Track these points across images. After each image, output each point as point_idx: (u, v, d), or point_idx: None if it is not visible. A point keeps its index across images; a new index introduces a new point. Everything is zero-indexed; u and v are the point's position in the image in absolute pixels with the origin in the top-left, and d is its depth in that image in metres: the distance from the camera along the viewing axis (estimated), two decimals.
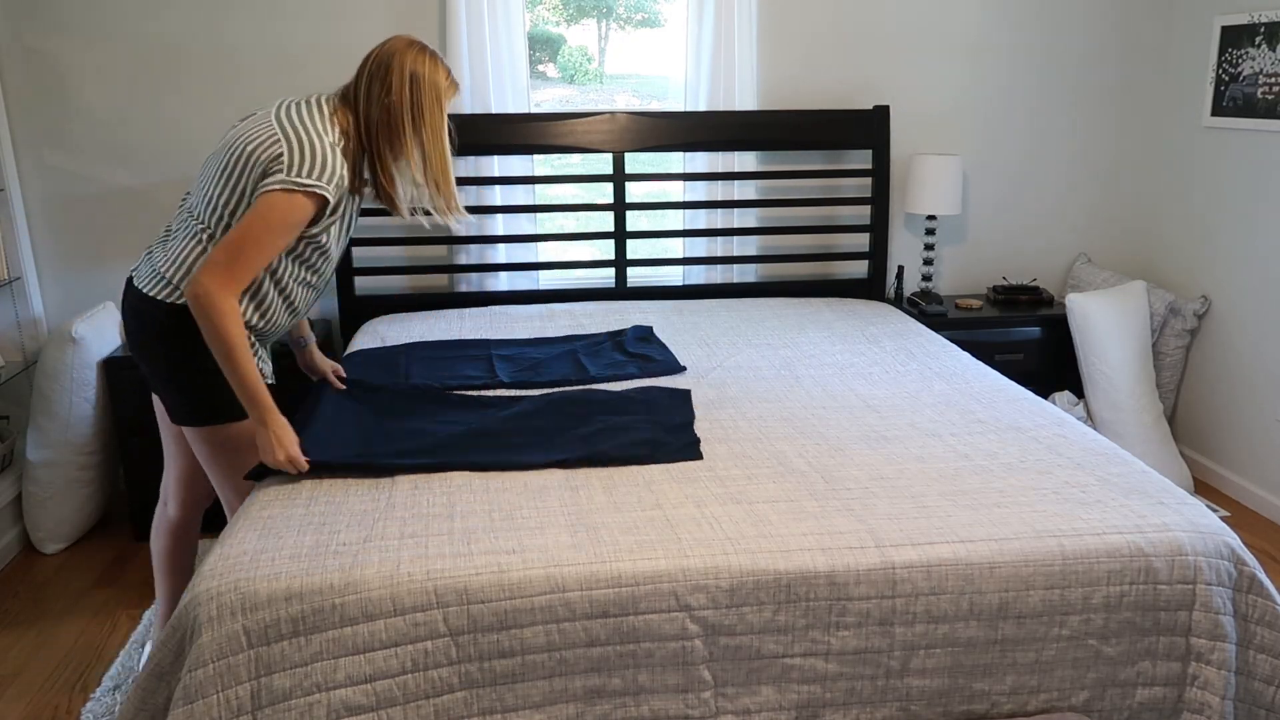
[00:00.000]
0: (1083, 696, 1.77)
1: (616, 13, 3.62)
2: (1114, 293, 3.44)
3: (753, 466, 2.03)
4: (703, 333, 3.03)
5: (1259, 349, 3.29)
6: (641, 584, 1.64)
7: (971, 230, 3.78)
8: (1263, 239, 3.26)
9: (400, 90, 1.96)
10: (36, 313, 3.34)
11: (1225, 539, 1.79)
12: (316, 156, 1.88)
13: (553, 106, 3.68)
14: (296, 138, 1.89)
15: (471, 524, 1.78)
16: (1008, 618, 1.72)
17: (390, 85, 1.96)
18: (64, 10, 3.20)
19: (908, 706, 1.73)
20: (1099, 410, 3.41)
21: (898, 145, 3.65)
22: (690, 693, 1.68)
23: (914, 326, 3.12)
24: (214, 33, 3.28)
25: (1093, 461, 2.05)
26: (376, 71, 1.97)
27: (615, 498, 1.88)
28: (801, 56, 3.53)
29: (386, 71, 1.97)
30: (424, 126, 1.99)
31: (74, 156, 3.31)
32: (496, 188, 3.44)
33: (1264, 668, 1.79)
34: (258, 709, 1.57)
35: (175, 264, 2.00)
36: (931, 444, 2.15)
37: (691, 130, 3.38)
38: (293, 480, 1.97)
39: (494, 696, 1.64)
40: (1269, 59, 3.15)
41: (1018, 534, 1.76)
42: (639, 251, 3.72)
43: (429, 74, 1.99)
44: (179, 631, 1.61)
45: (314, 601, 1.59)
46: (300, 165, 1.87)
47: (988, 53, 3.61)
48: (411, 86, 1.97)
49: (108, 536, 3.24)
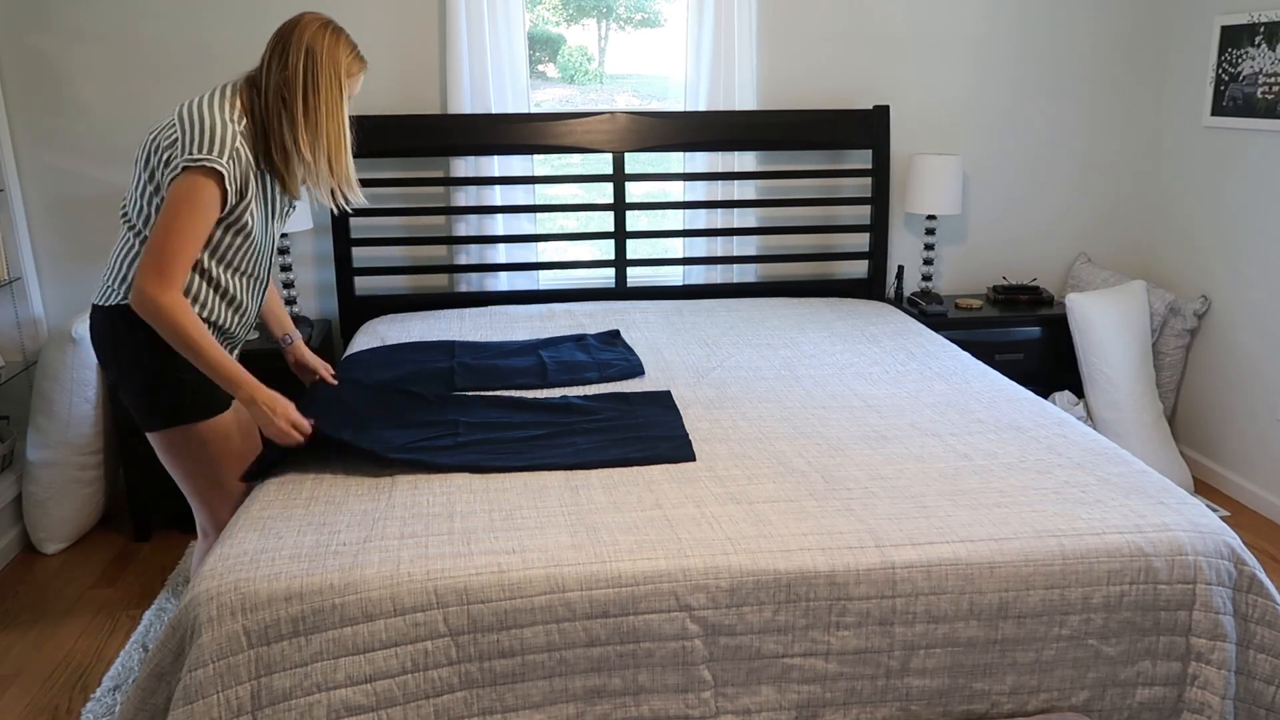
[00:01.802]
0: (1083, 696, 1.77)
1: (616, 13, 3.63)
2: (1114, 293, 3.44)
3: (753, 466, 2.03)
4: (703, 333, 3.03)
5: (1259, 349, 3.29)
6: (641, 584, 1.64)
7: (971, 230, 3.78)
8: (1262, 239, 3.26)
9: (295, 64, 1.94)
10: (36, 313, 3.34)
11: (1225, 539, 1.79)
12: (206, 133, 1.87)
13: (553, 106, 3.68)
14: (190, 121, 1.90)
15: (471, 524, 1.78)
16: (1008, 618, 1.72)
17: (287, 60, 1.95)
18: (64, 11, 3.20)
19: (908, 706, 1.73)
20: (1099, 410, 3.41)
21: (898, 145, 3.65)
22: (690, 693, 1.68)
23: (914, 326, 3.12)
24: (215, 34, 3.28)
25: (1093, 461, 2.05)
26: (275, 47, 1.97)
27: (615, 498, 1.88)
28: (801, 56, 3.53)
29: (285, 47, 1.96)
30: (318, 102, 1.96)
31: (74, 156, 3.31)
32: (496, 188, 3.44)
33: (1264, 667, 1.79)
34: (258, 709, 1.57)
35: (112, 268, 2.01)
36: (931, 444, 2.15)
37: (691, 130, 3.38)
38: (293, 480, 1.97)
39: (494, 696, 1.64)
40: (1269, 59, 3.15)
41: (1018, 534, 1.76)
42: (639, 251, 3.72)
43: (328, 48, 1.97)
44: (179, 631, 1.61)
45: (314, 601, 1.59)
46: (192, 144, 1.87)
47: (988, 53, 3.61)
48: (307, 60, 1.95)
49: (108, 536, 3.24)
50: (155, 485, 3.14)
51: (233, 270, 2.04)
